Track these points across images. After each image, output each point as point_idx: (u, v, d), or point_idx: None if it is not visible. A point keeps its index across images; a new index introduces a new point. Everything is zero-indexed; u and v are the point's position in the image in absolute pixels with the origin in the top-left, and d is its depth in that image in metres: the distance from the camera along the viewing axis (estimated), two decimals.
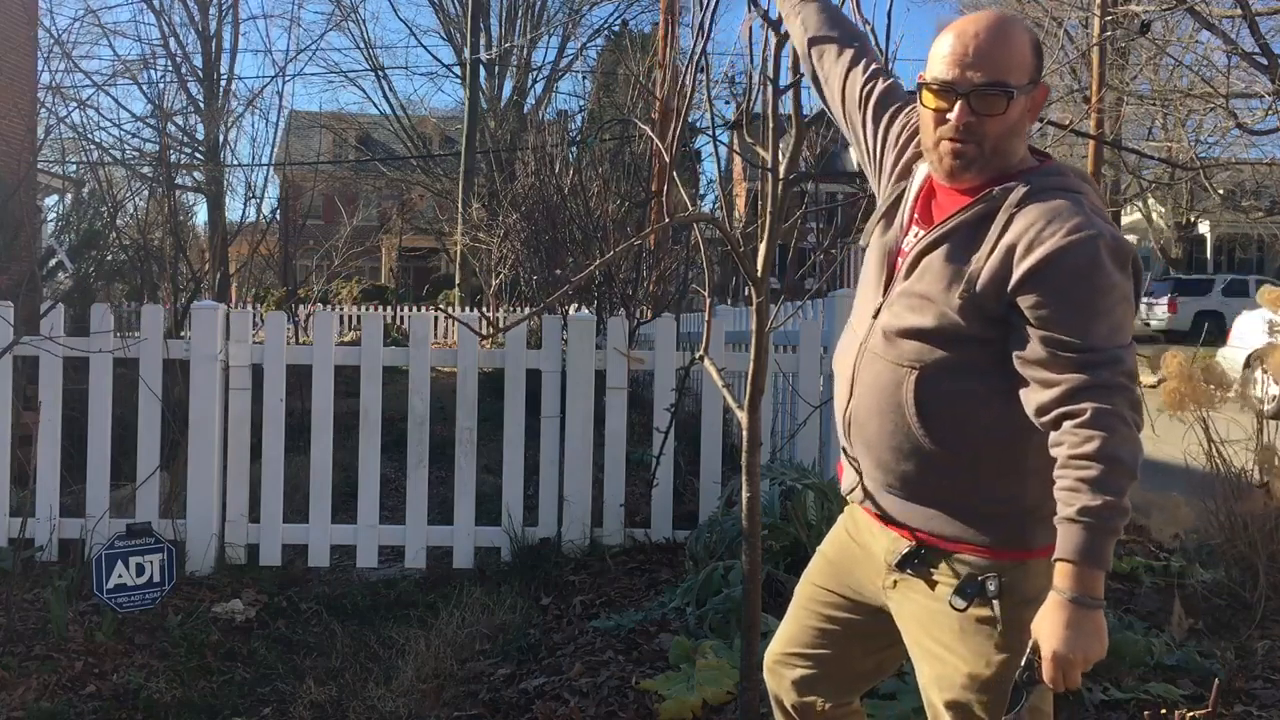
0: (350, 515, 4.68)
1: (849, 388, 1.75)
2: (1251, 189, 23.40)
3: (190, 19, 22.56)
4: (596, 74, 27.11)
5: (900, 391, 1.64)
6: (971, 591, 1.62)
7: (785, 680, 1.93)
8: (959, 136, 1.61)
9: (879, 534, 1.77)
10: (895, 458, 1.67)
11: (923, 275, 1.65)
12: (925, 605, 1.68)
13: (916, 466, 1.66)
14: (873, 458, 1.71)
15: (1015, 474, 1.63)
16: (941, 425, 1.63)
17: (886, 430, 1.67)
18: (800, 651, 1.90)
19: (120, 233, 7.92)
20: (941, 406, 1.62)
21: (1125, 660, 3.09)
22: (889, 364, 1.67)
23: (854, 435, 1.75)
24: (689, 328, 7.16)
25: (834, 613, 1.86)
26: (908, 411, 1.64)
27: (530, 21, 26.52)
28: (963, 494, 1.64)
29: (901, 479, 1.68)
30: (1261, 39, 5.30)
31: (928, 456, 1.64)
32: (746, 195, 23.24)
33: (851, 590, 1.83)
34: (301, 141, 29.23)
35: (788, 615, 1.97)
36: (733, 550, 3.74)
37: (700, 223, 3.05)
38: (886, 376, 1.67)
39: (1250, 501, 3.78)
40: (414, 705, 3.12)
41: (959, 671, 1.64)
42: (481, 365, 4.83)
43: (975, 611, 1.62)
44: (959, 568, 1.65)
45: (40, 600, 3.86)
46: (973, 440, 1.62)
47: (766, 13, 2.24)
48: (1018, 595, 1.61)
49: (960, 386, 1.62)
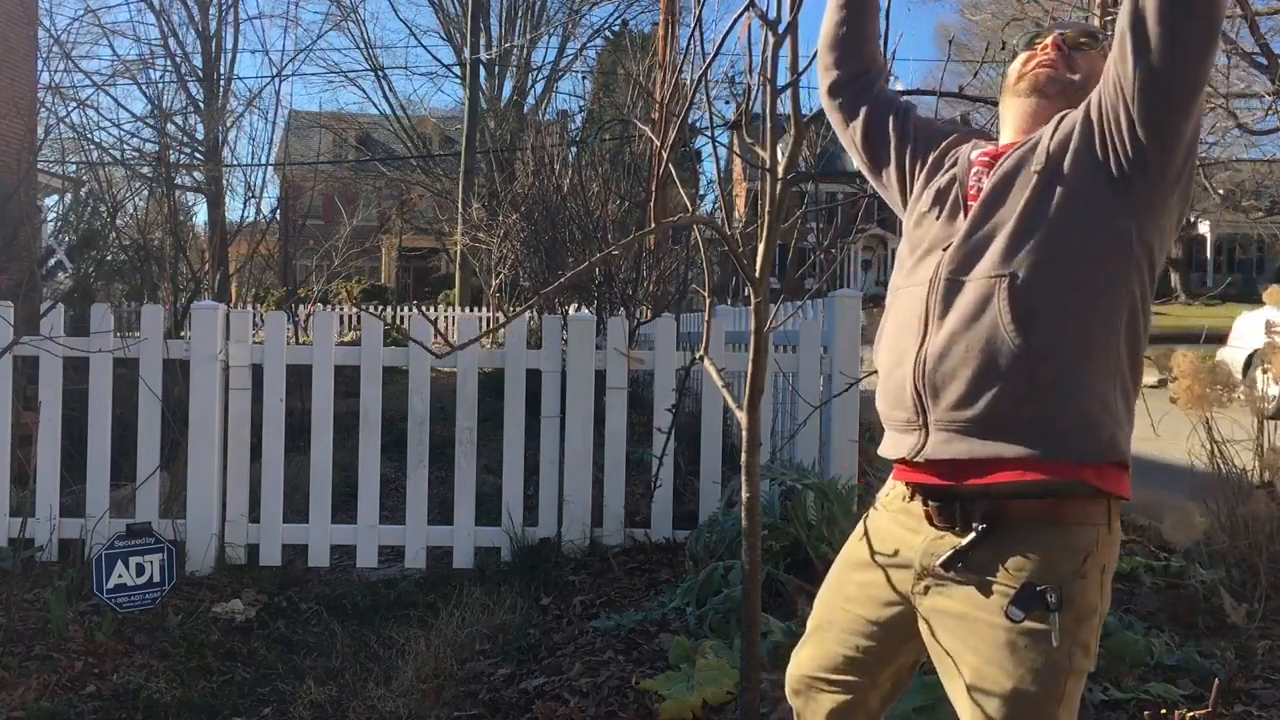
0: (350, 515, 4.68)
1: (920, 335, 1.63)
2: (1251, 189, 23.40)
3: (190, 19, 22.56)
4: (596, 74, 27.11)
5: (991, 303, 1.55)
6: (1031, 602, 1.51)
7: (815, 704, 1.83)
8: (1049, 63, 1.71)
9: (915, 534, 1.66)
10: (984, 380, 1.55)
11: (1000, 181, 1.63)
12: (965, 614, 1.58)
13: (1010, 380, 1.54)
14: (956, 392, 1.57)
15: (1107, 375, 1.56)
16: (1037, 329, 1.53)
17: (976, 351, 1.55)
18: (830, 677, 1.80)
19: (120, 233, 7.93)
20: (1035, 306, 1.54)
21: (1125, 660, 3.09)
22: (975, 281, 1.58)
23: (930, 377, 1.60)
24: (689, 328, 7.16)
25: (864, 641, 1.76)
26: (1002, 321, 1.54)
27: (530, 21, 26.52)
28: (1062, 404, 1.54)
29: (995, 404, 1.55)
30: (1261, 39, 5.30)
31: (1026, 368, 1.54)
32: (746, 195, 23.25)
33: (880, 606, 1.73)
34: (301, 141, 29.25)
35: (814, 633, 1.86)
36: (733, 550, 3.74)
37: (698, 224, 3.05)
38: (973, 294, 1.58)
39: (1253, 503, 3.78)
40: (414, 705, 3.12)
41: (1001, 686, 1.54)
42: (481, 365, 4.83)
43: (1029, 625, 1.52)
44: (1017, 571, 1.54)
45: (40, 600, 3.86)
46: (1070, 339, 1.54)
47: (765, 13, 2.24)
48: (1076, 608, 1.53)
49: (1052, 278, 1.54)
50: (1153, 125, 1.52)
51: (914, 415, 1.63)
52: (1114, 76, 1.54)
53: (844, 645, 1.78)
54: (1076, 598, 1.53)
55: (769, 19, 2.24)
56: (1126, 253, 1.57)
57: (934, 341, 1.61)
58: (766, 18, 2.24)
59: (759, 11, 2.25)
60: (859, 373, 4.56)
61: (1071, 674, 1.54)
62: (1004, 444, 1.55)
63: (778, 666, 3.12)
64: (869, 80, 1.96)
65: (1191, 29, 1.46)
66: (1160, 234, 1.61)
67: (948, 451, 1.59)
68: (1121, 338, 1.57)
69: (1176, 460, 4.05)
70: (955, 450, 1.59)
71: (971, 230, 1.63)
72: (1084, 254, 1.55)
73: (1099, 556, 1.56)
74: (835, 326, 4.57)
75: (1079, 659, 1.54)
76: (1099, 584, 1.56)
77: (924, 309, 1.63)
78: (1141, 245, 1.58)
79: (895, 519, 1.72)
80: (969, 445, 1.57)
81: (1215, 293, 28.09)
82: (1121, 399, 1.57)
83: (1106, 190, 1.56)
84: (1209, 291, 29.02)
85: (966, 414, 1.57)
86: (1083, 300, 1.55)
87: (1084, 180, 1.57)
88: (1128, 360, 1.58)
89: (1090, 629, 1.56)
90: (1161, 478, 4.26)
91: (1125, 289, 1.57)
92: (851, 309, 4.61)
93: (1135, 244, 1.57)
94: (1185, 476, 4.09)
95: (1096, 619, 1.57)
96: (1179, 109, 1.51)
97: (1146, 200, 1.57)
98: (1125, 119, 1.53)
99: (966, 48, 13.82)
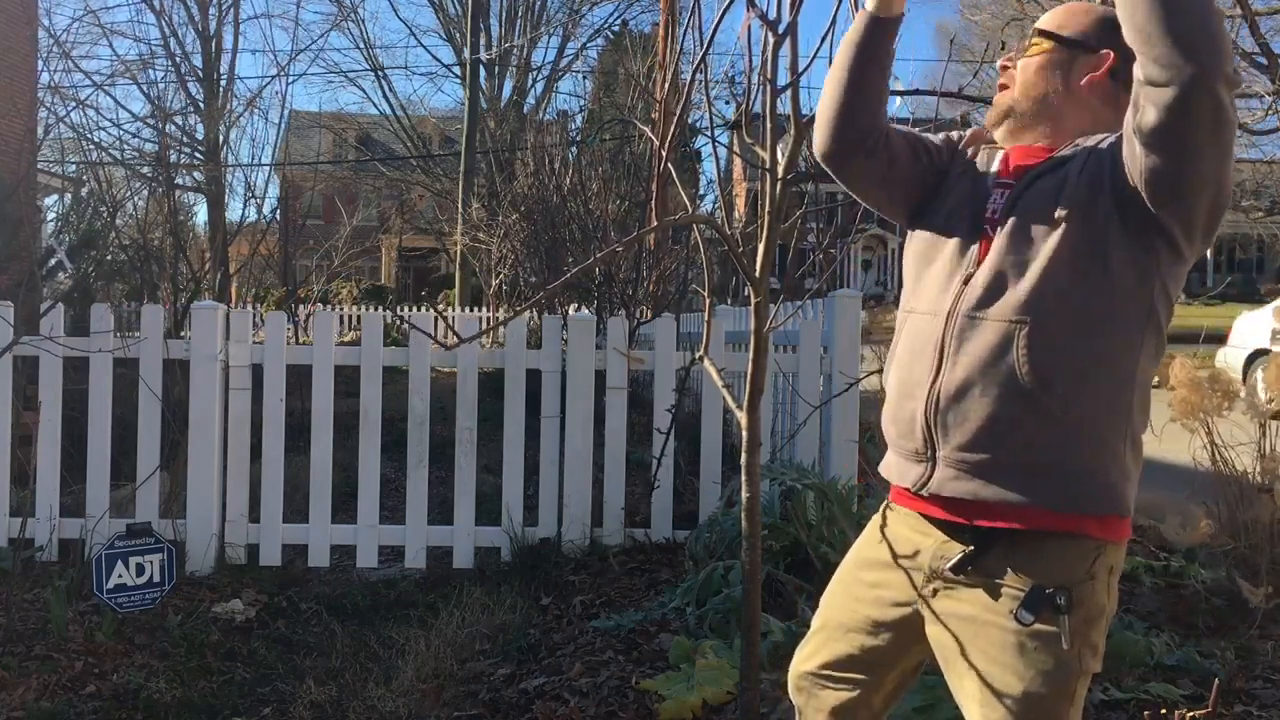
0: (350, 515, 4.68)
1: (934, 369, 1.62)
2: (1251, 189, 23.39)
3: (190, 18, 22.56)
4: (596, 74, 27.11)
5: (1010, 349, 1.54)
6: (1040, 605, 1.52)
7: (817, 701, 1.83)
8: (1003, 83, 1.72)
9: (925, 536, 1.66)
10: (996, 424, 1.56)
11: (1021, 223, 1.60)
12: (974, 616, 1.58)
13: (1023, 428, 1.54)
14: (966, 433, 1.58)
15: (1118, 428, 1.56)
16: (1056, 379, 1.53)
17: (991, 396, 1.55)
18: (834, 674, 1.80)
19: (120, 233, 7.93)
20: (1054, 357, 1.53)
21: (1125, 660, 3.09)
22: (994, 323, 1.56)
23: (943, 416, 1.60)
24: (689, 328, 7.16)
25: (869, 640, 1.75)
26: (1019, 369, 1.53)
27: (530, 21, 26.52)
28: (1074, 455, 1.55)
29: (998, 448, 1.56)
30: (1261, 39, 5.30)
31: (1042, 418, 1.54)
32: (746, 195, 23.25)
33: (886, 607, 1.73)
34: (301, 141, 29.24)
35: (818, 630, 1.86)
36: (733, 550, 3.74)
37: (698, 224, 3.05)
38: (991, 337, 1.56)
39: (1257, 507, 3.78)
40: (414, 705, 3.12)
41: (1011, 689, 1.54)
42: (481, 365, 4.83)
43: (1039, 627, 1.53)
44: (1026, 574, 1.54)
45: (40, 600, 3.86)
46: (1087, 391, 1.54)
47: (765, 13, 2.24)
48: (1085, 610, 1.54)
49: (1072, 328, 1.53)
50: (1167, 208, 1.51)
51: (923, 448, 1.64)
52: (1126, 156, 1.52)
53: (849, 644, 1.78)
54: (1086, 599, 1.54)
55: (769, 19, 2.23)
56: (1147, 307, 1.57)
57: (949, 379, 1.60)
58: (766, 18, 2.24)
59: (759, 11, 2.25)
60: (859, 373, 4.56)
61: (1081, 675, 1.55)
62: (1009, 491, 1.55)
63: (778, 666, 3.12)
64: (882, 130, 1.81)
65: (1194, 137, 1.44)
66: (1177, 282, 1.61)
67: (953, 489, 1.60)
68: (1134, 392, 1.57)
69: (1177, 461, 4.05)
70: (960, 489, 1.59)
71: (994, 265, 1.60)
72: (1108, 307, 1.55)
73: (1107, 558, 1.57)
74: (835, 326, 4.57)
75: (1088, 660, 1.55)
76: (1107, 585, 1.57)
77: (940, 342, 1.62)
78: (1163, 298, 1.58)
79: (906, 521, 1.73)
80: (974, 486, 1.58)
81: (1215, 293, 28.04)
82: (1130, 451, 1.58)
83: (1134, 250, 1.54)
84: (1209, 291, 28.98)
85: (976, 456, 1.57)
86: (1102, 353, 1.55)
87: (1114, 237, 1.55)
88: (1138, 413, 1.59)
89: (1099, 630, 1.57)
90: (1163, 479, 4.26)
91: (1142, 342, 1.57)
92: (851, 309, 4.61)
93: (1157, 298, 1.57)
94: (1187, 477, 4.09)
95: (1105, 620, 1.58)
96: (1188, 195, 1.49)
97: (1171, 260, 1.57)
98: (1150, 203, 1.52)
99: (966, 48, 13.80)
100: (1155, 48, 1.41)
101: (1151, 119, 1.43)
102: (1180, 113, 1.41)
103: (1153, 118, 1.43)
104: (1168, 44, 1.39)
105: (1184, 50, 1.38)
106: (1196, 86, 1.39)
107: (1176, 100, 1.40)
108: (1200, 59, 1.38)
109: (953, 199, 1.73)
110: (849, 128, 1.76)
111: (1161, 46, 1.40)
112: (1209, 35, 1.40)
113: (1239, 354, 9.30)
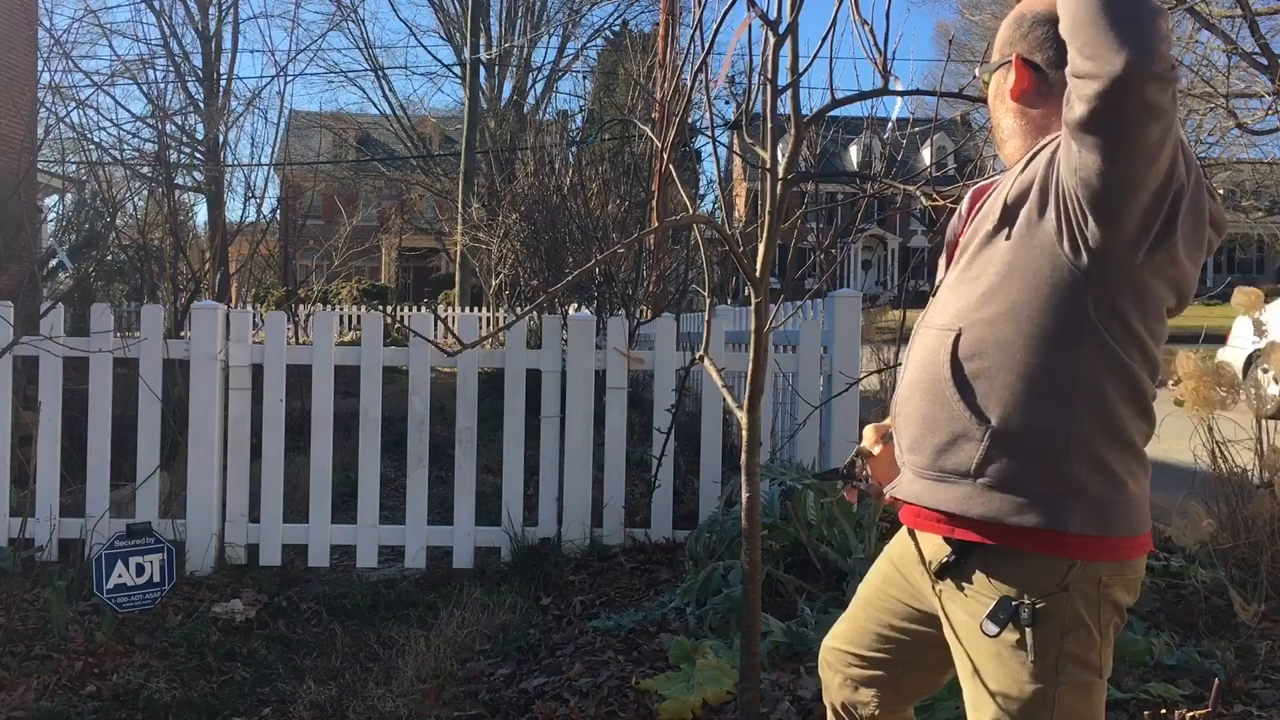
0: (350, 515, 4.68)
1: (902, 376, 1.71)
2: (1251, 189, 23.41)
3: (189, 18, 22.57)
4: (596, 74, 27.11)
5: (940, 355, 1.57)
6: (1004, 617, 1.52)
7: (839, 677, 1.86)
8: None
9: (930, 538, 1.67)
10: (925, 427, 1.59)
11: (968, 239, 1.63)
12: (964, 621, 1.60)
13: (948, 432, 1.56)
14: (909, 437, 1.63)
15: (1060, 445, 1.50)
16: (974, 388, 1.53)
17: (924, 400, 1.59)
18: (859, 653, 1.83)
19: (120, 233, 7.93)
20: (974, 365, 1.54)
21: (1125, 660, 3.09)
22: (935, 331, 1.61)
23: (897, 420, 1.68)
24: (689, 328, 7.16)
25: (896, 621, 1.77)
26: (943, 374, 1.56)
27: (530, 21, 26.52)
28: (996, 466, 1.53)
29: (934, 456, 1.58)
30: (1261, 39, 5.30)
31: (961, 425, 1.55)
32: (746, 195, 23.24)
33: (912, 596, 1.75)
34: (301, 141, 29.21)
35: (850, 611, 1.89)
36: (733, 550, 3.74)
37: (698, 224, 3.05)
38: (931, 344, 1.61)
39: (1255, 503, 3.78)
40: (414, 705, 3.12)
41: (992, 696, 1.56)
42: (481, 365, 4.83)
43: (1007, 637, 1.53)
44: (999, 584, 1.54)
45: (40, 600, 3.86)
46: (1009, 403, 1.51)
47: (765, 13, 2.24)
48: (1057, 622, 1.51)
49: (995, 339, 1.53)
50: (1101, 213, 1.43)
51: (900, 452, 1.70)
52: (1061, 159, 1.46)
53: (877, 623, 1.80)
54: (1057, 611, 1.50)
55: (769, 19, 2.24)
56: (1085, 319, 1.49)
57: (901, 385, 1.68)
58: (767, 18, 2.24)
59: (759, 11, 2.25)
60: (859, 373, 4.57)
61: (1063, 686, 1.51)
62: (941, 494, 1.58)
63: (778, 666, 3.13)
64: None
65: (1122, 134, 1.36)
66: (1137, 294, 1.51)
67: (903, 492, 1.66)
68: (1077, 407, 1.49)
69: (1179, 461, 4.05)
70: (911, 492, 1.64)
71: (948, 280, 1.65)
72: (1036, 318, 1.50)
73: (1092, 572, 1.51)
74: (835, 326, 4.57)
75: (1072, 671, 1.51)
76: (1093, 596, 1.51)
77: (908, 354, 1.70)
78: (1106, 310, 1.49)
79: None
80: (916, 489, 1.63)
81: (1215, 293, 28.04)
82: (1082, 466, 1.50)
83: (1065, 257, 1.49)
84: (1209, 291, 29.05)
85: (915, 459, 1.63)
86: (1028, 364, 1.50)
87: (1041, 245, 1.51)
88: (1091, 429, 1.50)
89: (1081, 641, 1.51)
90: (1164, 479, 4.25)
91: (1080, 356, 1.49)
92: (851, 309, 4.61)
93: (1095, 310, 1.49)
94: (1188, 477, 4.09)
95: (1089, 631, 1.52)
96: (1125, 195, 1.42)
97: (1114, 269, 1.48)
98: (1074, 204, 1.46)
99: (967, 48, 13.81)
100: (1080, 37, 1.35)
101: (1077, 113, 1.37)
102: (1106, 107, 1.34)
103: (1078, 111, 1.37)
104: (1094, 34, 1.33)
105: (1111, 41, 1.32)
106: (1123, 80, 1.32)
107: (1101, 94, 1.33)
108: (1129, 51, 1.31)
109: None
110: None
111: (1086, 36, 1.34)
112: (1139, 27, 1.33)
113: (1239, 354, 9.29)
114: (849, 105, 2.44)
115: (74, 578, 4.01)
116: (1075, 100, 1.38)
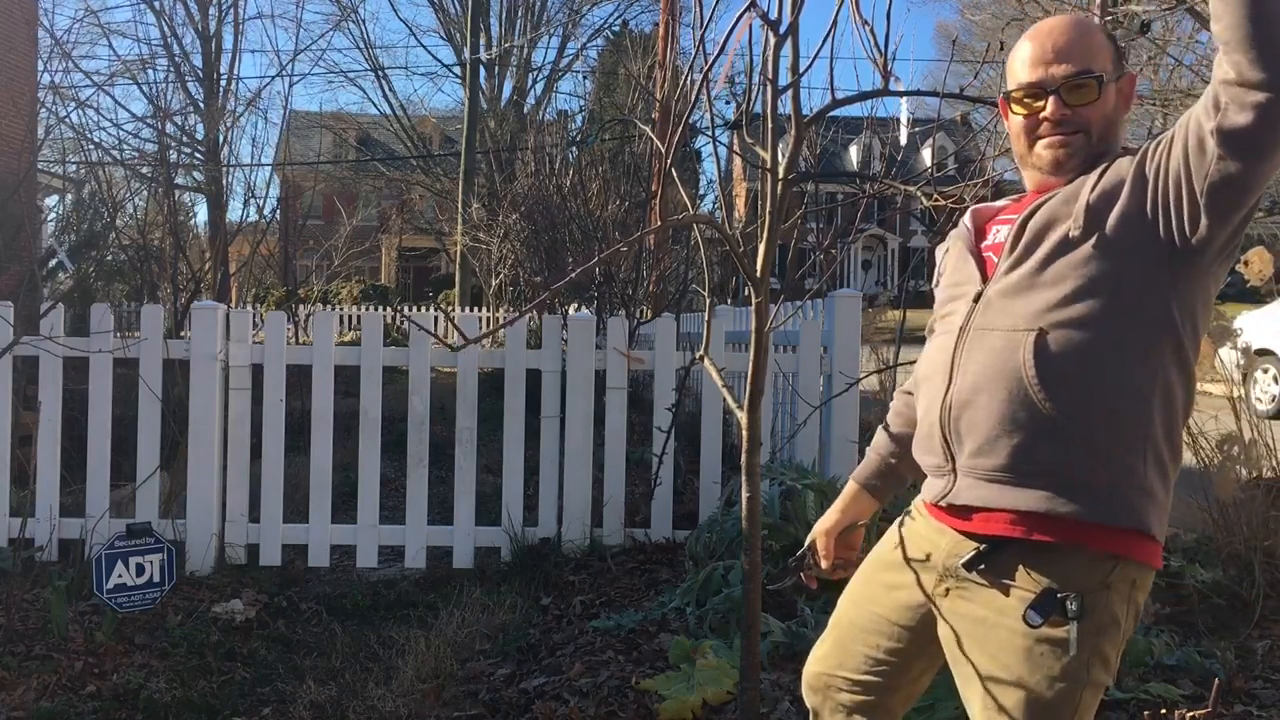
0: (350, 515, 4.68)
1: (946, 381, 1.63)
2: None
3: (190, 18, 22.54)
4: (596, 74, 27.12)
5: (1016, 356, 1.54)
6: (1050, 608, 1.49)
7: (829, 704, 1.84)
8: (1059, 131, 1.62)
9: (941, 535, 1.65)
10: (1002, 428, 1.55)
11: (1032, 236, 1.59)
12: (984, 617, 1.56)
13: (1026, 433, 1.53)
14: (977, 440, 1.58)
15: (1135, 443, 1.52)
16: (1061, 386, 1.51)
17: (998, 401, 1.55)
18: (850, 676, 1.80)
19: (120, 233, 7.94)
20: (1061, 365, 1.52)
21: (1125, 660, 3.09)
22: (1002, 333, 1.57)
23: (955, 424, 1.61)
24: (689, 328, 7.16)
25: (886, 642, 1.75)
26: (1025, 375, 1.52)
27: (530, 21, 26.52)
28: (1079, 464, 1.52)
29: (1012, 457, 1.54)
30: None
31: (1046, 424, 1.52)
32: (746, 195, 23.24)
33: (905, 607, 1.73)
34: (301, 141, 29.19)
35: (832, 633, 1.86)
36: (733, 550, 3.74)
37: (699, 224, 3.05)
38: (999, 345, 1.56)
39: (1246, 500, 3.78)
40: (414, 705, 3.12)
41: (1014, 693, 1.52)
42: (481, 365, 4.83)
43: (1047, 631, 1.50)
44: (1040, 577, 1.52)
45: (40, 600, 3.86)
46: (1094, 402, 1.51)
47: (765, 13, 2.24)
48: (1096, 619, 1.50)
49: (1081, 339, 1.52)
50: (1218, 212, 1.47)
51: (944, 461, 1.64)
52: (1180, 159, 1.48)
53: (866, 645, 1.78)
54: (1099, 608, 1.50)
55: (770, 19, 2.23)
56: (1168, 319, 1.53)
57: (959, 387, 1.61)
58: (767, 18, 2.24)
59: (760, 11, 2.25)
60: (859, 373, 4.56)
61: (1088, 686, 1.51)
62: (1019, 495, 1.54)
63: (778, 666, 3.13)
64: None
65: (1274, 144, 1.40)
66: (1205, 297, 1.57)
67: (968, 497, 1.60)
68: (1153, 407, 1.52)
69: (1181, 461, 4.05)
70: (974, 496, 1.59)
71: (1003, 285, 1.61)
72: (1121, 318, 1.52)
73: (1128, 572, 1.53)
74: (835, 326, 4.57)
75: (1097, 671, 1.51)
76: (1126, 597, 1.52)
77: (951, 357, 1.64)
78: (1184, 311, 1.54)
79: (927, 522, 1.72)
80: (987, 493, 1.58)
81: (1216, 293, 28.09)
82: (1153, 469, 1.53)
83: (1156, 257, 1.52)
84: None
85: (988, 462, 1.57)
86: (1114, 364, 1.51)
87: (1131, 245, 1.52)
88: (1162, 431, 1.54)
89: (1111, 642, 1.52)
90: None
91: (1162, 357, 1.53)
92: (851, 309, 4.61)
93: (1177, 311, 1.53)
94: (1188, 476, 4.10)
95: (1119, 632, 1.53)
96: (1247, 198, 1.47)
97: (1198, 269, 1.54)
98: (1189, 203, 1.48)
99: (967, 48, 13.80)
100: (1251, 47, 1.35)
101: (1236, 120, 1.38)
102: (1272, 119, 1.36)
103: (1238, 119, 1.37)
104: (1268, 45, 1.34)
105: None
106: None
107: (1269, 105, 1.35)
108: None
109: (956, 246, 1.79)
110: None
111: (1259, 47, 1.34)
112: None
113: (1236, 353, 9.30)
114: (849, 105, 2.44)
115: (74, 578, 4.01)
116: (1233, 107, 1.38)
